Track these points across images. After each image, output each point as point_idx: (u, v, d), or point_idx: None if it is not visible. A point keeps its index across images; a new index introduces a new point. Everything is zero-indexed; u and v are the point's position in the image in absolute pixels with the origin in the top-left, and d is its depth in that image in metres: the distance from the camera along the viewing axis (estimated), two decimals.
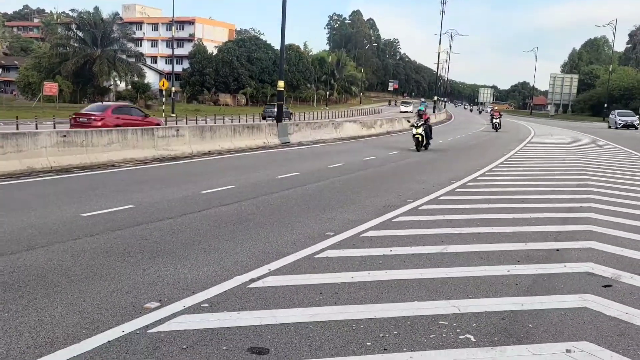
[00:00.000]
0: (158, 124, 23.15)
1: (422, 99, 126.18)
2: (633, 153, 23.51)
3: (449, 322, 4.62)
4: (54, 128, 23.14)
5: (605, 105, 76.75)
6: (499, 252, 6.82)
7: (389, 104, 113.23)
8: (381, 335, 4.32)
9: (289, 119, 48.69)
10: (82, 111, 24.29)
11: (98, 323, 4.36)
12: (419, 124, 21.45)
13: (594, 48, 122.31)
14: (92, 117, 22.10)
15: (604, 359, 4.03)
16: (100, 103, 32.12)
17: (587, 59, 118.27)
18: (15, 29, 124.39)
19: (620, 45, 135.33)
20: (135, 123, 21.70)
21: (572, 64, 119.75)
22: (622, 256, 6.76)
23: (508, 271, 6.04)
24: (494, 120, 39.11)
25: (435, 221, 8.49)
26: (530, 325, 4.60)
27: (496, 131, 37.86)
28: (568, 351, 4.14)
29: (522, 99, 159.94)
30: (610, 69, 79.88)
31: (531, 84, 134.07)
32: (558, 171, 15.95)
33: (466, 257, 6.55)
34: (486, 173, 14.82)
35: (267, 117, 46.33)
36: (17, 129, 24.04)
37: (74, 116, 23.50)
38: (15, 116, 29.67)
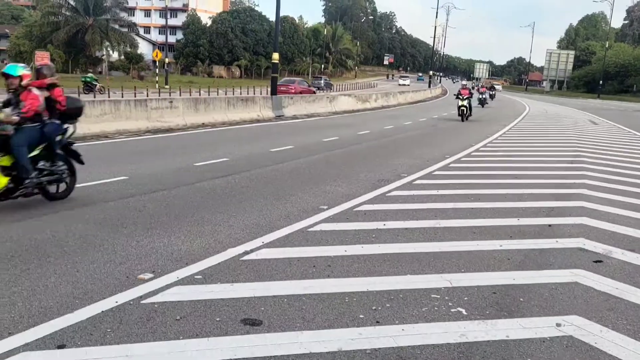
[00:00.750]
0: (314, 92, 37.44)
1: (420, 74, 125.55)
2: (627, 130, 23.56)
3: (441, 295, 4.65)
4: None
5: (601, 82, 76.60)
6: (492, 227, 6.85)
7: (387, 78, 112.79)
8: (374, 307, 4.35)
9: (330, 90, 51.89)
10: (281, 83, 35.74)
11: (92, 293, 4.37)
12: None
13: (591, 24, 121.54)
14: (289, 87, 36.15)
15: (594, 333, 4.08)
16: (289, 78, 47.03)
17: (584, 35, 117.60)
18: None
19: (617, 21, 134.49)
20: (307, 90, 37.03)
21: (569, 40, 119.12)
22: (614, 232, 6.81)
23: (500, 246, 6.08)
24: (461, 103, 24.98)
25: (429, 196, 8.50)
26: (521, 299, 4.65)
27: (462, 120, 24.56)
28: (558, 325, 4.18)
29: (517, 74, 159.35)
30: (607, 46, 79.50)
31: (527, 60, 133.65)
32: (552, 147, 15.98)
33: (459, 232, 6.58)
34: (480, 149, 14.83)
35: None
36: None
37: (278, 85, 35.32)
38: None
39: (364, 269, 5.20)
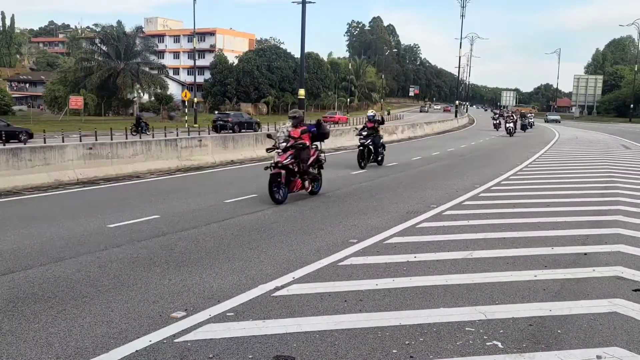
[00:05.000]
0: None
1: (451, 104, 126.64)
2: None
3: (476, 328, 4.57)
4: (80, 141, 23.56)
5: (632, 105, 75.37)
6: (526, 257, 6.73)
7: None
8: (407, 342, 4.29)
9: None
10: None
11: (126, 333, 4.42)
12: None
13: (619, 48, 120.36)
14: None
15: None
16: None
17: (612, 59, 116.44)
18: (41, 45, 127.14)
19: None
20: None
21: (597, 65, 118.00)
22: None
23: (535, 276, 5.96)
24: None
25: (460, 226, 8.41)
26: (559, 331, 4.53)
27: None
28: (598, 357, 4.06)
29: (545, 101, 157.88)
30: (636, 69, 78.47)
31: (554, 86, 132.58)
32: (584, 173, 15.70)
33: (492, 263, 6.48)
34: (510, 177, 14.66)
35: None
36: (45, 142, 24.51)
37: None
38: (42, 130, 30.25)
39: (396, 303, 5.14)
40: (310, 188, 11.18)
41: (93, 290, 5.41)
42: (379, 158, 16.97)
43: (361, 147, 16.44)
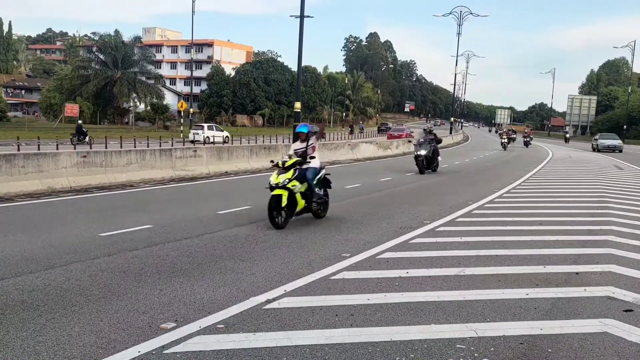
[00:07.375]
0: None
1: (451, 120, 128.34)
2: None
3: (467, 345, 4.56)
4: (75, 148, 23.50)
5: (625, 127, 75.95)
6: (517, 275, 6.73)
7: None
8: (397, 358, 4.28)
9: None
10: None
11: (115, 343, 4.38)
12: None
13: (613, 69, 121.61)
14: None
15: None
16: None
17: (606, 80, 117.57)
18: (38, 52, 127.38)
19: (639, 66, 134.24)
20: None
21: (591, 85, 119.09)
22: None
23: (527, 294, 5.96)
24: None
25: (452, 243, 8.42)
26: (549, 350, 4.53)
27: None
28: None
29: (539, 120, 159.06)
30: (629, 90, 79.16)
31: (549, 105, 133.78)
32: (577, 193, 15.76)
33: (484, 280, 6.48)
34: (504, 195, 14.70)
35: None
36: (39, 149, 24.44)
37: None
38: (37, 137, 30.17)
39: (387, 318, 5.13)
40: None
41: (83, 299, 5.37)
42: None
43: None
